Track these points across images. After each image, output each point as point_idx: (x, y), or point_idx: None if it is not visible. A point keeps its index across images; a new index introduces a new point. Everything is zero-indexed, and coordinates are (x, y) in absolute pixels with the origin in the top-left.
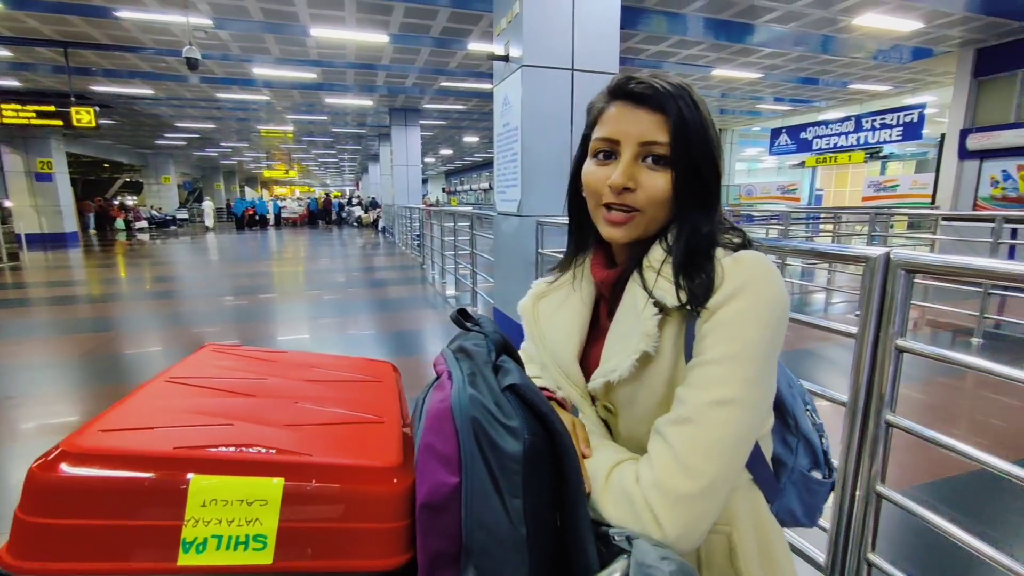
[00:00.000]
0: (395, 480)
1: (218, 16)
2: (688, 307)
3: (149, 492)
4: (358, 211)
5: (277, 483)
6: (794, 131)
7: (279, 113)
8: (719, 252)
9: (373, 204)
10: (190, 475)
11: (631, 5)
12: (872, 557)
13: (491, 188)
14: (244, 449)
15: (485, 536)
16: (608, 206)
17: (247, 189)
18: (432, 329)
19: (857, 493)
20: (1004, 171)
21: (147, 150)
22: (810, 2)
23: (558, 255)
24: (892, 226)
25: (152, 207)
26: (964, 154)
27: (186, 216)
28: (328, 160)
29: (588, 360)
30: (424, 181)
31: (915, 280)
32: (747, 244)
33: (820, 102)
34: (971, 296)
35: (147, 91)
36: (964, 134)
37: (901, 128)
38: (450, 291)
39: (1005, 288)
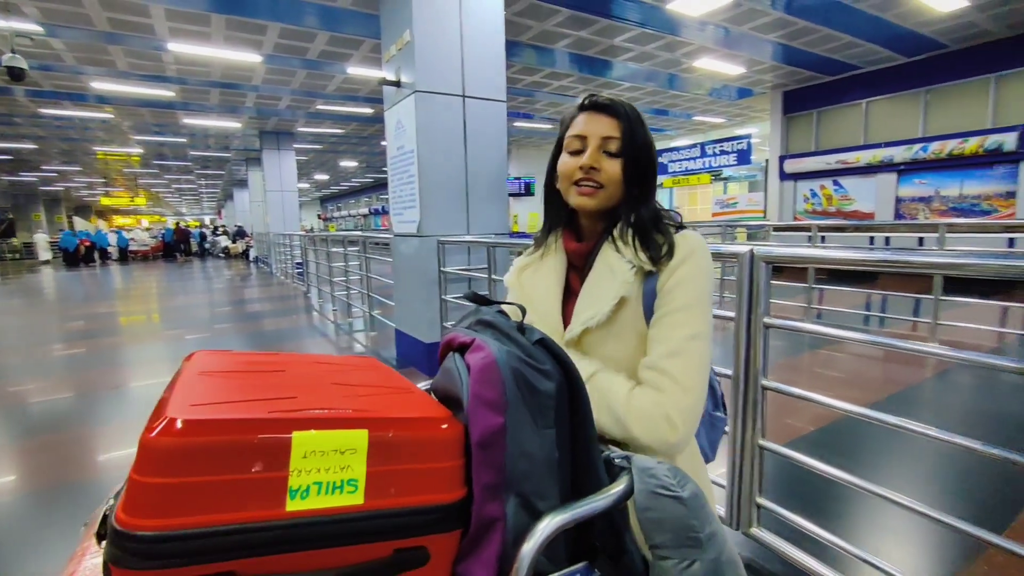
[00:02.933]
0: (450, 427)
1: (50, 22)
2: (652, 268)
3: (258, 449)
4: (224, 241)
5: (363, 434)
6: None
7: (123, 133)
8: (670, 229)
9: (240, 233)
10: (293, 432)
11: (509, 38)
12: (760, 500)
13: (371, 214)
14: (323, 410)
15: (527, 464)
16: (578, 182)
17: (76, 220)
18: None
19: (744, 447)
20: (812, 190)
21: None
22: (659, 46)
23: (461, 273)
24: (735, 237)
25: None
26: (783, 176)
27: None
28: (184, 186)
29: (563, 316)
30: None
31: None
32: (683, 225)
33: (671, 131)
34: (798, 292)
35: None
36: (781, 160)
37: (735, 154)
38: (341, 318)
39: (826, 281)
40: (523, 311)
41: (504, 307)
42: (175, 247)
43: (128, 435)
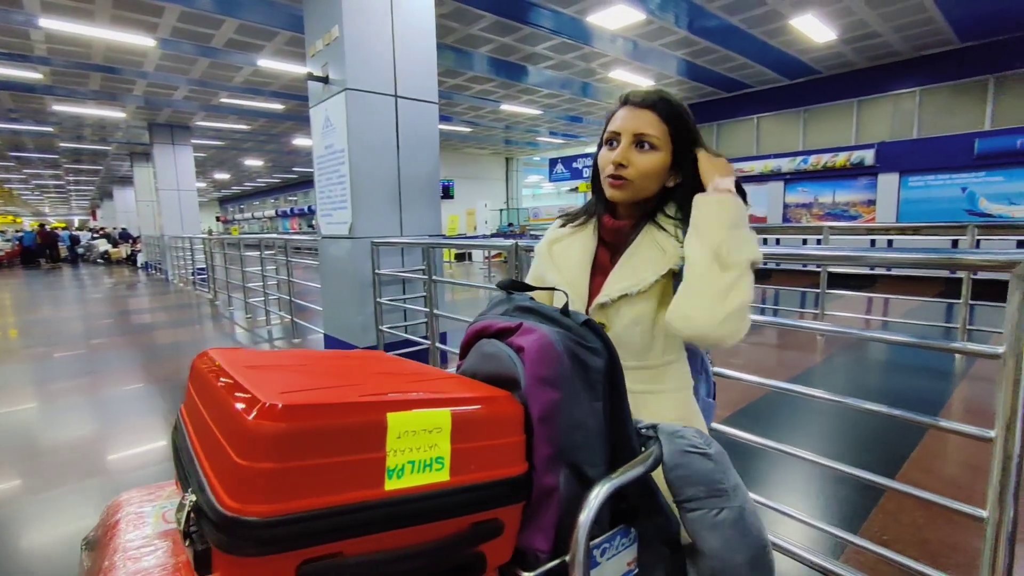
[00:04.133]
0: (514, 404)
1: None
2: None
3: (358, 431)
4: (104, 245)
5: (446, 414)
6: (567, 161)
7: None
8: None
9: (124, 236)
10: (387, 414)
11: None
12: None
13: (279, 216)
14: (402, 395)
15: (581, 435)
16: (610, 176)
17: None
18: None
19: None
20: None
21: None
22: (577, 56)
23: (396, 275)
24: None
25: None
26: None
27: None
28: (48, 183)
29: (590, 288)
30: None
31: None
32: None
33: (586, 137)
34: None
35: None
36: None
37: None
38: (258, 325)
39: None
40: (566, 294)
41: (542, 291)
42: (38, 252)
43: None
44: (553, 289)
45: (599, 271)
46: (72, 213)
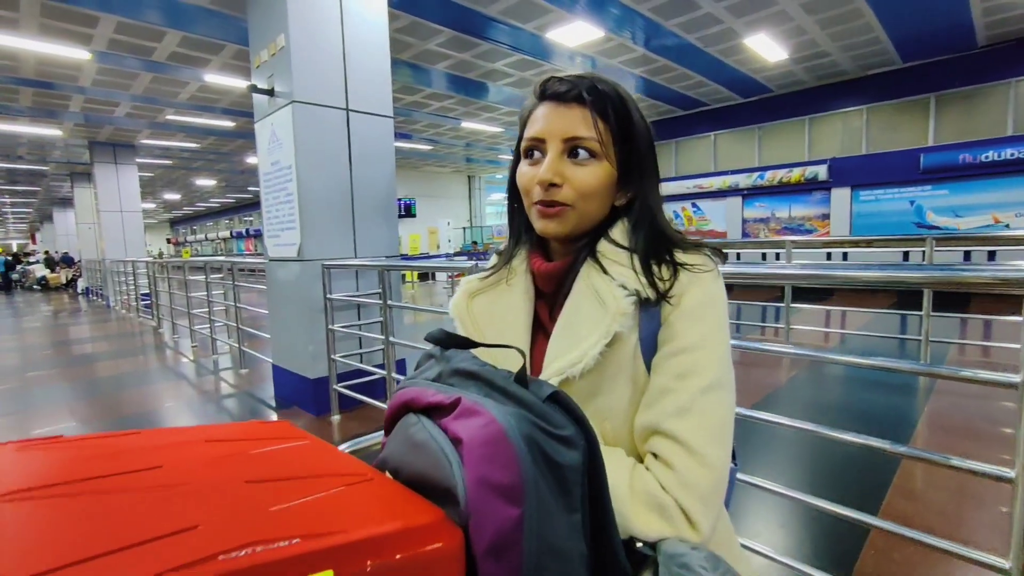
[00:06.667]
0: (449, 531)
1: None
2: (654, 295)
3: None
4: (40, 270)
5: None
6: None
7: None
8: (681, 245)
9: (67, 260)
10: None
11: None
12: None
13: (234, 237)
14: (253, 549)
15: (557, 563)
16: (539, 201)
17: None
18: (190, 403)
19: None
20: (675, 211)
21: None
22: (536, 73)
23: (349, 299)
24: None
25: None
26: None
27: None
28: None
29: (532, 360)
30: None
31: None
32: (700, 243)
33: None
34: None
35: None
36: None
37: None
38: (203, 355)
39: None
40: (523, 355)
41: (493, 350)
42: None
43: None
44: (505, 347)
45: (542, 334)
46: (9, 237)
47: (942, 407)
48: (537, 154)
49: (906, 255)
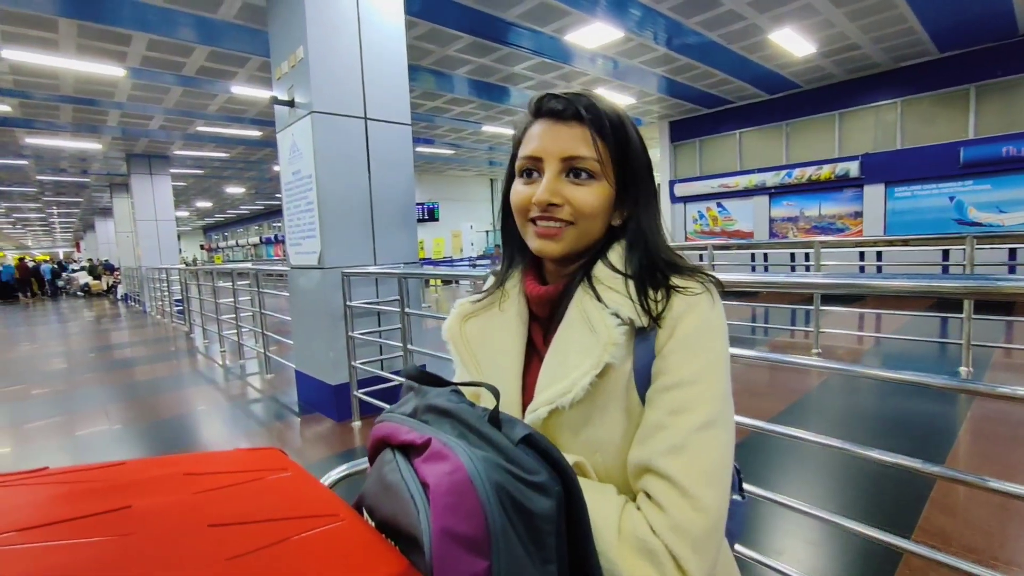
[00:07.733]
0: None
1: None
2: (647, 324)
3: None
4: (84, 277)
5: None
6: None
7: None
8: (680, 270)
9: (108, 267)
10: None
11: (410, 63)
12: None
13: (263, 243)
14: None
15: None
16: (535, 220)
17: None
18: (218, 407)
19: None
20: (699, 211)
21: None
22: (557, 76)
23: (369, 307)
24: None
25: None
26: (674, 199)
27: None
28: (30, 216)
29: (524, 388)
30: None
31: None
32: (697, 268)
33: None
34: None
35: None
36: (672, 184)
37: None
38: (231, 360)
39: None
40: (496, 394)
41: (464, 388)
42: (17, 287)
43: None
44: (479, 385)
45: (537, 358)
46: (56, 245)
47: (986, 413)
48: (535, 174)
49: (946, 254)
